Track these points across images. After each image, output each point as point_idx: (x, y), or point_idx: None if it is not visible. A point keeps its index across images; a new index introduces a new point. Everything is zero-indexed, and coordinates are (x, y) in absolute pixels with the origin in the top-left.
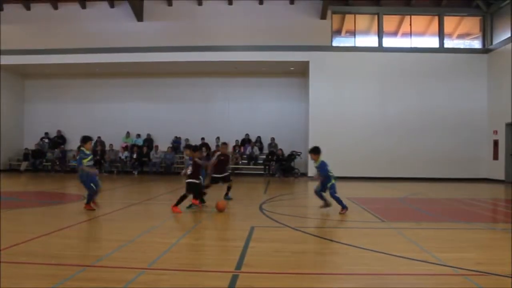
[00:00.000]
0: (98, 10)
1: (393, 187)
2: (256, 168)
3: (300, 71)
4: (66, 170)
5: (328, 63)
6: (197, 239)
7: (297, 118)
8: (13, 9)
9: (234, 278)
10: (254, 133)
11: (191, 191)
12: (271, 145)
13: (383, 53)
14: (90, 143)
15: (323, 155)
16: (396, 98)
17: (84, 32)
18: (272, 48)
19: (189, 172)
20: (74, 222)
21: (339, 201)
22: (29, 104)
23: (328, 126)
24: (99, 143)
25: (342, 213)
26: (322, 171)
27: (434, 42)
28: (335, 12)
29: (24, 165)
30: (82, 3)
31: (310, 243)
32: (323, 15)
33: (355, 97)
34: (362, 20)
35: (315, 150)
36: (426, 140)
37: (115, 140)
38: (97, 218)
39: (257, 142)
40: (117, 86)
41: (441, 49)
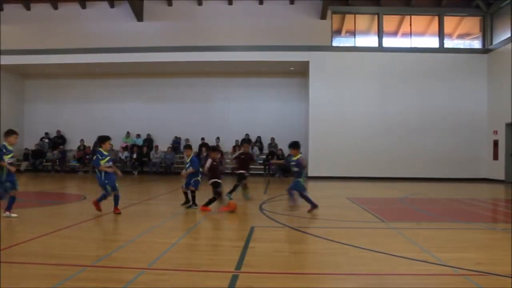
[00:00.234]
0: (98, 10)
1: (393, 187)
2: (256, 168)
3: (300, 71)
4: (66, 170)
5: (328, 63)
6: (197, 239)
7: (297, 118)
8: (13, 9)
9: (234, 278)
10: (254, 133)
11: (218, 190)
12: (271, 145)
13: (383, 53)
14: (108, 142)
15: (323, 155)
16: (396, 98)
17: (84, 32)
18: (272, 48)
19: (206, 170)
20: (74, 222)
21: (292, 196)
22: (29, 104)
23: (328, 126)
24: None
25: (291, 204)
26: (297, 166)
27: (434, 42)
28: (335, 12)
29: (24, 165)
30: (82, 3)
31: (310, 243)
32: (323, 15)
33: (355, 97)
34: (362, 20)
35: (295, 145)
36: (426, 140)
37: (115, 140)
38: (97, 218)
39: (257, 142)
40: (117, 86)
41: (441, 49)
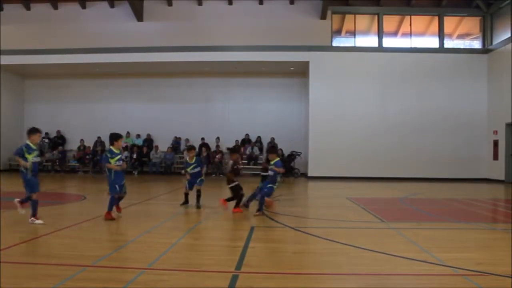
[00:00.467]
0: (98, 10)
1: (393, 187)
2: (256, 168)
3: (300, 71)
4: (66, 170)
5: (328, 63)
6: (197, 239)
7: (297, 118)
8: (13, 9)
9: (234, 278)
10: (254, 133)
11: (241, 192)
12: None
13: (383, 53)
14: (120, 140)
15: (323, 155)
16: (396, 98)
17: (84, 32)
18: (272, 48)
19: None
20: (74, 222)
21: (261, 205)
22: (29, 104)
23: (328, 126)
24: (99, 143)
25: (256, 215)
26: (273, 171)
27: (434, 42)
28: (335, 12)
29: None
30: (82, 3)
31: (310, 243)
32: (323, 15)
33: (355, 97)
34: (362, 20)
35: (272, 149)
36: (426, 140)
37: None
38: (97, 218)
39: (257, 142)
40: (117, 86)
41: (441, 49)
